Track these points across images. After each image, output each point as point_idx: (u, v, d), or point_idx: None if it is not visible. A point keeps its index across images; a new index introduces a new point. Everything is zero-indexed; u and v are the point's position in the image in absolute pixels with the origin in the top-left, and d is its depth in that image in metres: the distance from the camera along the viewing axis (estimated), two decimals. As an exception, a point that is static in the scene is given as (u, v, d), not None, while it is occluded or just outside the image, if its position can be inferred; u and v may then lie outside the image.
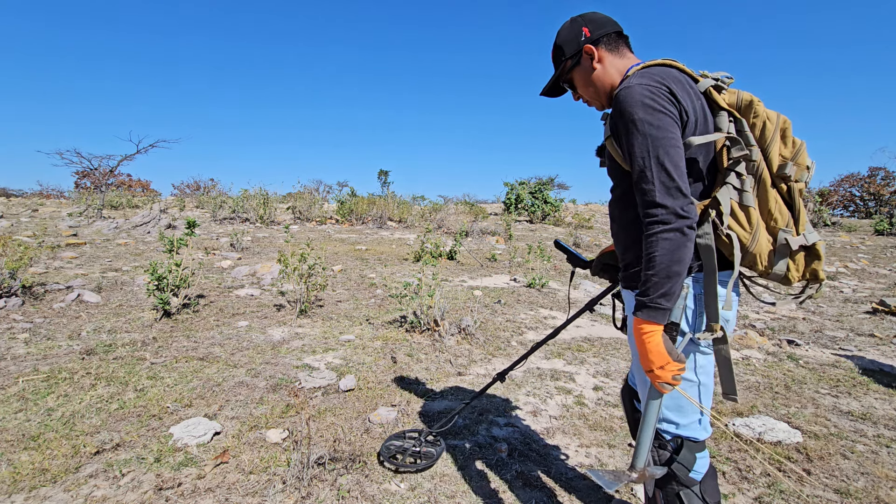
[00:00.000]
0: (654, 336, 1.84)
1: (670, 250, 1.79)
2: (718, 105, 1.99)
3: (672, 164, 1.82)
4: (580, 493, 3.24)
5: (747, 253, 1.97)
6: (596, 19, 2.21)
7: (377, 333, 6.17)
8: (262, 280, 8.46)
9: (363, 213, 17.30)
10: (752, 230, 1.96)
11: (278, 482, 3.12)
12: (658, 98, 1.87)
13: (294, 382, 4.61)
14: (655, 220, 1.81)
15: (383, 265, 10.45)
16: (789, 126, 2.00)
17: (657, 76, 1.93)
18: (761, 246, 1.96)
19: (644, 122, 1.84)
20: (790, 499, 3.27)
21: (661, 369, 1.83)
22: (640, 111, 1.85)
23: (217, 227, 14.18)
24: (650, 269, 1.82)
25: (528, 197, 22.68)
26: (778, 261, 1.96)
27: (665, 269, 1.80)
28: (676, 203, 1.80)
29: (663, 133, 1.84)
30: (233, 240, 11.21)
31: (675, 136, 1.86)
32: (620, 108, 1.90)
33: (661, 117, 1.85)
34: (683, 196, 1.82)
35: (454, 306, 7.48)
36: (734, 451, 3.86)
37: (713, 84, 2.03)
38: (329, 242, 12.78)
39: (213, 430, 3.67)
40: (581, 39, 2.19)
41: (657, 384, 1.87)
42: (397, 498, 3.08)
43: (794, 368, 5.76)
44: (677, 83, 1.95)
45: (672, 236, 1.79)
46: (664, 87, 1.90)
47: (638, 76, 1.95)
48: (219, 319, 6.38)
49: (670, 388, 1.86)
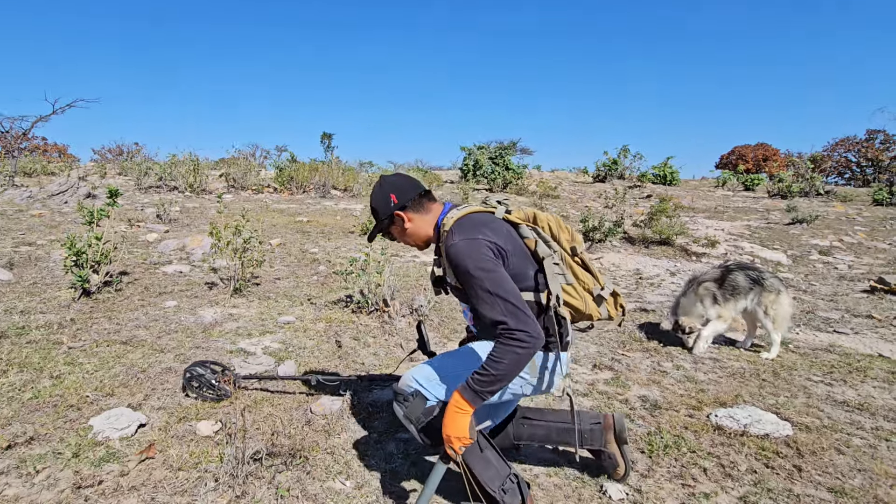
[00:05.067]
0: (467, 416, 2.48)
1: (520, 362, 2.41)
2: (515, 222, 2.88)
3: (513, 295, 2.48)
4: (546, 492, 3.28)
5: (584, 314, 2.90)
6: (400, 186, 2.92)
7: (320, 314, 6.14)
8: (192, 255, 8.33)
9: (304, 180, 17.11)
10: (582, 298, 2.87)
11: (210, 480, 3.09)
12: (481, 248, 2.58)
13: (228, 369, 4.55)
14: (514, 339, 2.40)
15: (327, 239, 10.38)
16: (560, 220, 2.99)
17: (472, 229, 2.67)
18: (589, 305, 2.89)
19: (478, 270, 2.52)
20: (779, 498, 3.28)
21: (457, 439, 2.49)
22: (471, 262, 2.54)
23: (142, 197, 13.86)
24: (494, 370, 2.41)
25: (487, 163, 22.49)
26: (601, 309, 2.95)
27: (505, 374, 2.41)
28: (533, 328, 2.43)
29: (495, 274, 2.52)
30: (160, 210, 10.98)
31: (503, 272, 2.56)
32: (455, 262, 2.59)
33: (487, 263, 2.55)
34: (533, 321, 2.46)
35: (406, 284, 7.47)
36: (716, 445, 3.87)
37: (505, 210, 2.94)
38: (267, 213, 12.61)
39: (138, 422, 3.61)
40: (391, 206, 2.89)
41: (448, 448, 2.54)
42: (342, 497, 3.08)
43: (784, 353, 5.82)
44: (485, 226, 2.72)
45: (524, 353, 2.41)
46: (480, 238, 2.62)
47: (457, 232, 2.67)
48: (144, 299, 6.26)
49: (455, 455, 2.55)
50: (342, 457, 3.46)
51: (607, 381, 4.89)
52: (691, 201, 19.42)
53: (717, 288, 5.85)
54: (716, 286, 5.87)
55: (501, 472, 2.85)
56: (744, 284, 5.80)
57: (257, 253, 7.11)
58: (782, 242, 12.80)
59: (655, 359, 5.53)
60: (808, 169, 24.19)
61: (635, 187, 23.16)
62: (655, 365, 5.36)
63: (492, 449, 2.89)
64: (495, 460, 2.87)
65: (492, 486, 2.80)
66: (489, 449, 2.88)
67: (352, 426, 3.86)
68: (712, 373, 5.22)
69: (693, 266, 10.41)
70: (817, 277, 9.97)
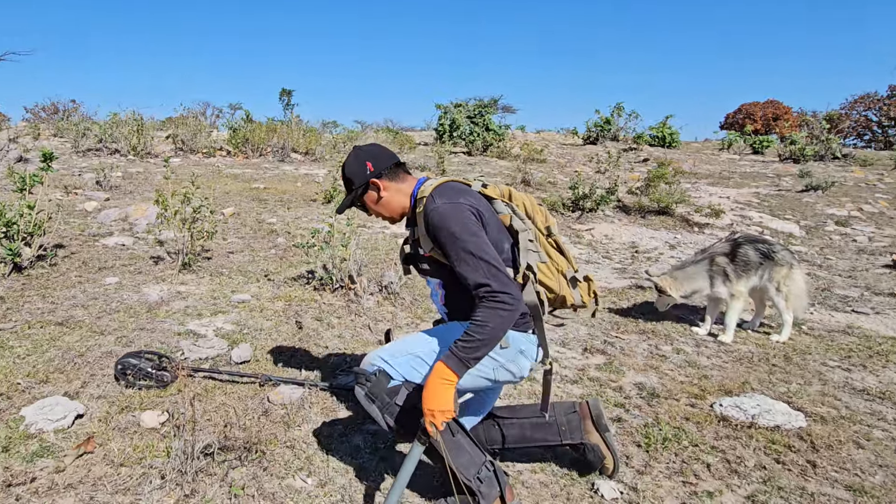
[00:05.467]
0: (451, 386, 2.60)
1: (504, 325, 2.58)
2: (491, 197, 3.02)
3: (495, 259, 2.65)
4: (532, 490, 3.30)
5: (558, 296, 3.05)
6: (377, 154, 3.10)
7: (278, 292, 6.12)
8: (135, 226, 8.26)
9: (261, 143, 16.95)
10: (556, 277, 3.02)
11: (156, 477, 3.09)
12: (464, 212, 2.76)
13: (175, 353, 4.54)
14: (498, 300, 2.56)
15: (286, 207, 10.33)
16: (535, 201, 3.18)
17: (453, 194, 2.85)
18: (563, 286, 3.06)
19: (463, 232, 2.68)
20: (791, 497, 3.30)
21: (441, 413, 2.58)
22: (455, 224, 2.70)
23: (80, 161, 13.68)
24: (479, 334, 2.56)
25: (465, 123, 22.30)
26: (574, 293, 3.12)
27: (490, 338, 2.56)
28: (515, 291, 2.62)
29: (478, 238, 2.69)
30: (99, 176, 10.84)
31: (485, 237, 2.74)
32: (438, 225, 2.75)
33: (472, 226, 2.73)
34: (515, 285, 2.66)
35: (374, 259, 7.45)
36: (721, 438, 3.90)
37: (482, 184, 3.07)
38: (219, 179, 12.50)
39: (75, 413, 3.59)
40: (366, 173, 3.04)
41: (429, 422, 2.61)
42: (303, 496, 3.09)
43: (796, 335, 5.87)
44: (466, 193, 2.89)
45: (508, 316, 2.57)
46: (462, 201, 2.80)
47: (439, 196, 2.83)
48: (82, 275, 6.21)
49: (434, 432, 2.61)
50: (303, 451, 3.47)
51: (599, 367, 4.93)
52: (693, 166, 19.47)
53: (728, 263, 5.88)
54: (728, 261, 5.89)
55: (476, 459, 2.89)
56: (754, 259, 5.84)
57: (208, 224, 7.05)
58: (795, 212, 12.89)
59: (653, 342, 5.58)
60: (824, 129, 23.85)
61: (630, 150, 23.12)
62: (653, 348, 5.41)
63: (464, 434, 2.93)
64: (469, 446, 2.90)
65: (466, 475, 2.83)
66: (461, 434, 2.91)
67: (314, 417, 3.86)
68: (716, 357, 5.26)
69: (695, 238, 10.48)
70: (834, 251, 10.04)
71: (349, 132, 21.46)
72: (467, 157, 18.89)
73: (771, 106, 55.29)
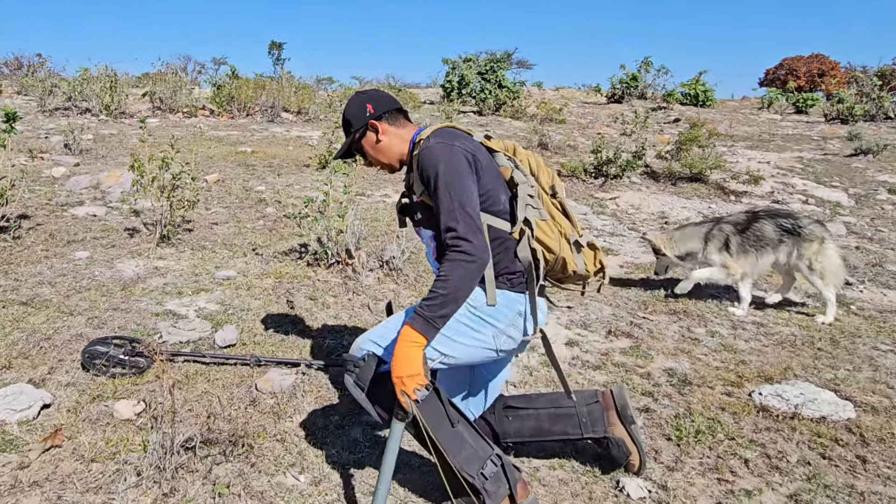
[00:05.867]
0: (418, 349, 2.62)
1: (468, 278, 2.63)
2: (494, 149, 3.12)
3: (471, 207, 2.73)
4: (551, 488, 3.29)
5: (557, 257, 3.03)
6: (378, 97, 3.22)
7: (268, 268, 6.12)
8: (108, 194, 8.26)
9: (248, 101, 16.92)
10: (556, 237, 3.04)
11: (131, 473, 3.08)
12: (456, 154, 2.84)
13: (153, 336, 4.54)
14: (460, 250, 2.62)
15: (276, 174, 10.31)
16: (541, 160, 3.24)
17: (450, 137, 2.93)
18: (563, 248, 3.05)
19: (448, 173, 2.77)
20: (838, 496, 3.28)
21: (409, 377, 2.59)
22: (443, 165, 2.79)
23: (47, 122, 13.69)
24: (443, 289, 2.60)
25: (475, 79, 22.21)
26: (577, 258, 3.11)
27: (455, 293, 2.61)
28: (480, 241, 2.67)
29: (461, 180, 2.77)
30: (68, 139, 10.84)
31: (471, 185, 2.81)
32: (426, 164, 2.84)
33: (461, 169, 2.81)
34: (482, 239, 2.71)
35: (374, 231, 7.44)
36: (760, 430, 3.89)
37: (484, 135, 3.15)
38: (201, 142, 12.48)
39: (41, 402, 3.60)
40: (366, 115, 3.15)
41: (401, 394, 2.61)
42: (295, 495, 3.09)
43: (844, 317, 5.84)
44: (464, 139, 2.98)
45: (471, 268, 2.63)
46: (457, 144, 2.88)
47: (434, 137, 2.93)
48: (49, 249, 6.21)
49: (407, 400, 2.61)
50: (295, 445, 3.47)
51: (625, 351, 4.91)
52: (729, 127, 19.38)
53: (735, 234, 5.96)
54: (735, 232, 5.97)
55: (481, 452, 2.83)
56: (772, 236, 5.87)
57: (190, 192, 7.04)
58: (842, 178, 12.79)
59: (685, 323, 5.56)
60: (875, 87, 23.49)
61: (659, 110, 23.07)
62: (685, 330, 5.39)
63: (466, 424, 2.88)
64: (472, 438, 2.84)
65: (468, 471, 2.76)
66: (463, 424, 2.86)
67: (307, 407, 3.86)
68: (755, 340, 5.24)
69: (732, 208, 10.43)
70: (886, 222, 9.97)
71: (346, 89, 21.41)
72: (478, 118, 18.80)
73: (816, 61, 54.96)
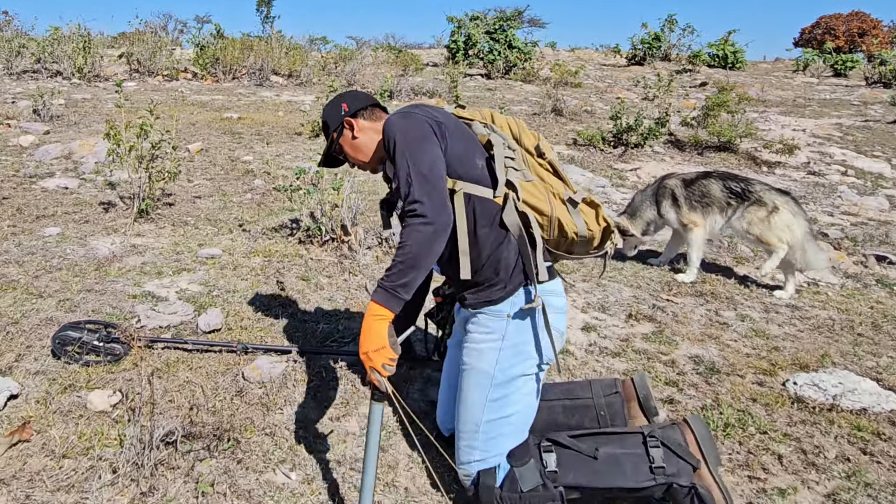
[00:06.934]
0: (383, 322, 2.70)
1: (425, 243, 2.69)
2: (468, 118, 3.28)
3: (428, 169, 2.79)
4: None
5: (551, 219, 3.06)
6: (353, 95, 3.44)
7: (255, 246, 6.12)
8: (81, 165, 8.27)
9: (234, 63, 16.92)
10: (546, 197, 3.07)
11: (106, 470, 3.08)
12: (414, 119, 2.95)
13: (130, 320, 4.52)
14: (416, 214, 2.70)
15: (265, 142, 10.33)
16: (524, 125, 3.33)
17: (410, 107, 3.06)
18: (557, 208, 3.08)
19: (402, 139, 2.86)
20: (880, 495, 3.27)
21: (375, 352, 2.66)
22: (398, 132, 2.88)
23: (13, 85, 13.71)
24: (402, 257, 2.69)
25: (483, 39, 22.15)
26: (576, 218, 3.11)
27: (414, 260, 2.68)
28: (436, 202, 2.74)
29: (417, 143, 2.86)
30: (37, 104, 10.86)
31: (430, 148, 2.88)
32: (385, 137, 2.96)
33: (413, 132, 2.90)
34: (443, 202, 2.79)
35: (372, 205, 7.39)
36: (795, 423, 3.88)
37: (456, 106, 3.39)
38: (183, 107, 12.49)
39: (8, 392, 3.59)
40: (342, 114, 3.34)
41: (368, 367, 2.69)
42: (286, 494, 3.09)
43: (887, 299, 5.84)
44: (426, 107, 3.08)
45: (427, 230, 2.69)
46: (416, 112, 3.00)
47: (395, 113, 3.05)
48: (16, 224, 6.21)
49: (377, 377, 2.67)
50: (285, 439, 3.47)
51: (646, 337, 4.90)
52: (761, 91, 19.33)
53: (680, 187, 6.20)
54: (681, 185, 6.21)
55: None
56: (717, 195, 6.08)
57: (170, 162, 7.03)
58: (885, 147, 12.77)
59: (712, 306, 5.55)
60: None
61: (685, 72, 23.05)
62: (712, 314, 5.37)
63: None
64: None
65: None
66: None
67: (298, 397, 3.86)
68: (790, 325, 5.23)
69: (764, 180, 10.36)
70: (931, 192, 9.93)
71: (342, 50, 21.32)
72: (486, 81, 18.80)
73: (856, 19, 54.82)
